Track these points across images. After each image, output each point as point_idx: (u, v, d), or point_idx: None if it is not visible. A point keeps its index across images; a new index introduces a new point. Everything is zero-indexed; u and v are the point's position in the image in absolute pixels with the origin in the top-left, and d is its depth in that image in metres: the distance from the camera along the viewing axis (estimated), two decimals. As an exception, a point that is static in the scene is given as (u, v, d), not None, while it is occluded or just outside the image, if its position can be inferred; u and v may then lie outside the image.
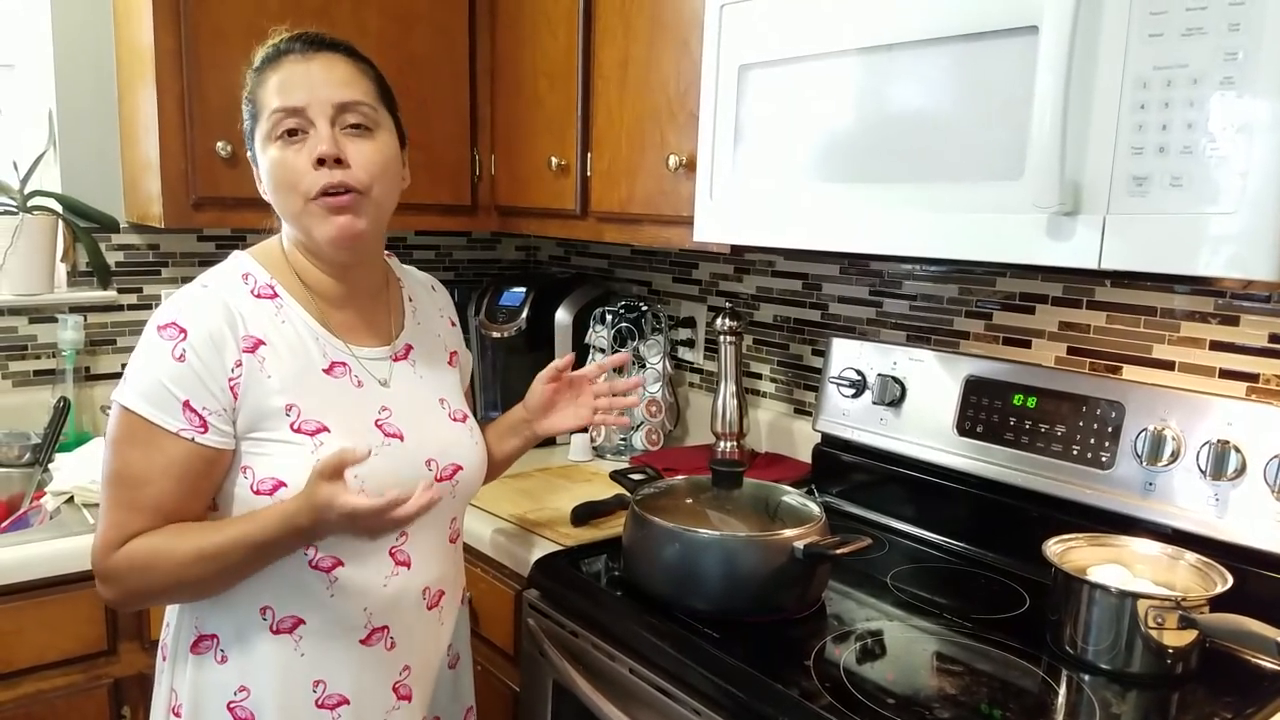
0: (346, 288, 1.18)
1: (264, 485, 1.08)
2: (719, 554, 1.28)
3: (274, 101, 1.08)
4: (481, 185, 2.15)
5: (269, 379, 1.08)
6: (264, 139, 1.10)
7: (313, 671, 1.13)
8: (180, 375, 1.04)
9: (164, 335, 1.05)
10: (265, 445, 1.08)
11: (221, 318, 1.07)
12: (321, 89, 1.08)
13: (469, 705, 1.37)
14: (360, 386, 1.16)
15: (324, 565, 1.11)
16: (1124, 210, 1.00)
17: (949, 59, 1.14)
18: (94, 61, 2.02)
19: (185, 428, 1.05)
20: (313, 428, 1.09)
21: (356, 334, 1.18)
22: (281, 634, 1.11)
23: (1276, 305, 1.32)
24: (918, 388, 1.63)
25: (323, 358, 1.14)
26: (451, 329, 1.35)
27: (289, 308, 1.13)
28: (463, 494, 1.24)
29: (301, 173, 1.08)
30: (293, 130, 1.08)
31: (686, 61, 1.62)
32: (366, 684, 1.16)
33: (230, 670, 1.12)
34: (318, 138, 1.08)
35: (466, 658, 1.37)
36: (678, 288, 2.25)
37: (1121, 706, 1.11)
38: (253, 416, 1.08)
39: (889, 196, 1.22)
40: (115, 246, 2.08)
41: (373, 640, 1.15)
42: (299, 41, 1.12)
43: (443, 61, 2.05)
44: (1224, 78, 0.93)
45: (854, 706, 1.07)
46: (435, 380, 1.25)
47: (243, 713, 1.12)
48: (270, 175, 1.10)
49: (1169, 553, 1.25)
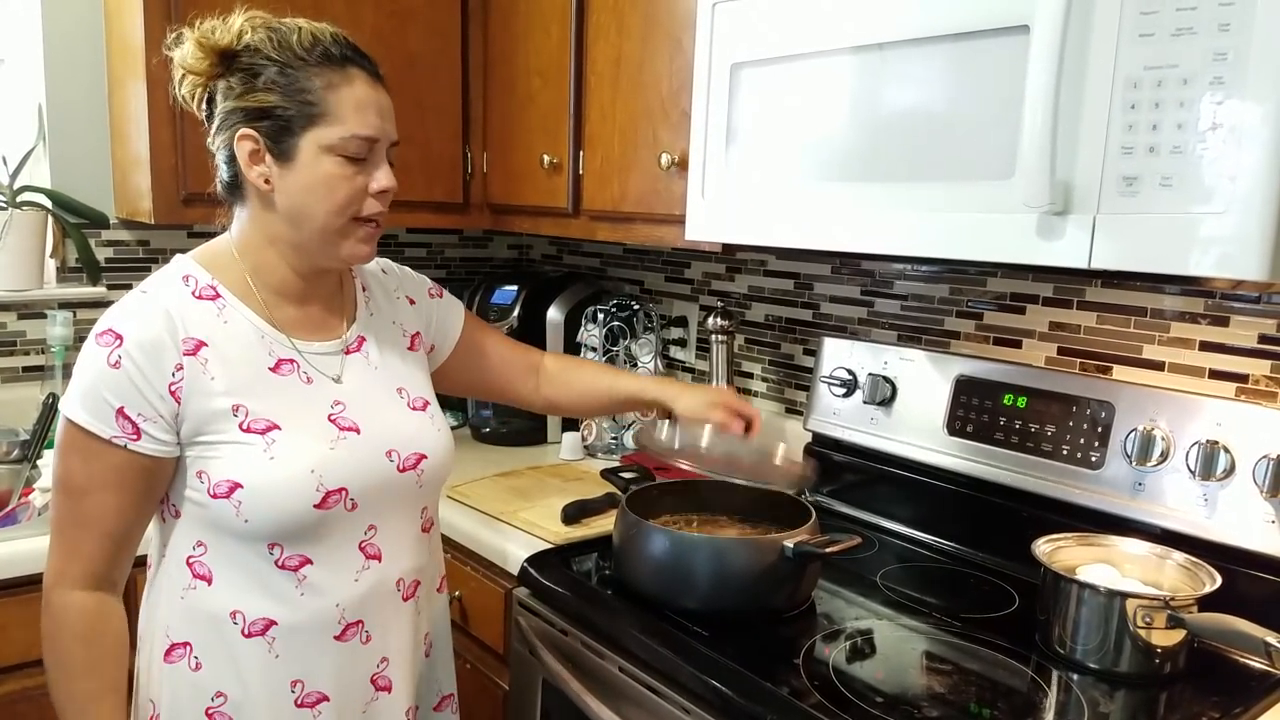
0: (309, 285, 1.17)
1: (220, 488, 1.06)
2: (709, 553, 1.28)
3: (356, 126, 1.08)
4: (473, 183, 2.15)
5: (212, 380, 1.07)
6: (326, 147, 1.07)
7: (290, 672, 1.12)
8: (115, 382, 1.03)
9: (100, 343, 1.04)
10: (216, 448, 1.07)
11: (159, 323, 1.05)
12: (389, 125, 1.12)
13: (447, 693, 1.35)
14: (310, 383, 1.14)
15: (291, 564, 1.10)
16: (1114, 210, 1.00)
17: (939, 58, 1.15)
18: (84, 56, 2.01)
19: (118, 434, 1.04)
20: (263, 426, 1.08)
21: (305, 330, 1.17)
22: (254, 637, 1.10)
23: (1266, 306, 1.33)
24: (908, 387, 1.63)
25: (269, 356, 1.12)
26: (412, 307, 1.32)
27: (231, 307, 1.11)
28: (430, 483, 1.22)
29: (358, 196, 1.10)
30: (360, 154, 1.09)
31: (679, 60, 1.62)
32: (345, 679, 1.15)
33: (205, 676, 1.11)
34: (383, 171, 1.11)
35: (444, 645, 1.35)
36: (670, 287, 2.25)
37: (1110, 706, 1.11)
38: (199, 420, 1.06)
39: (880, 196, 1.22)
40: (105, 242, 2.07)
41: (348, 635, 1.14)
42: (365, 61, 1.11)
43: (436, 59, 2.05)
44: (1214, 78, 0.93)
45: (843, 705, 1.07)
46: (392, 370, 1.23)
47: (221, 718, 1.11)
48: (323, 186, 1.08)
49: (1158, 552, 1.26)
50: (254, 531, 1.08)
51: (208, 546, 1.10)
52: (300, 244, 1.12)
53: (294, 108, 1.06)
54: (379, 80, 1.12)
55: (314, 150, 1.07)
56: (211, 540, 1.10)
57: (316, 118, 1.07)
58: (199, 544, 1.10)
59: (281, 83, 1.06)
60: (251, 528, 1.07)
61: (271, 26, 1.09)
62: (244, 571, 1.09)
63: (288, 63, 1.07)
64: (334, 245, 1.12)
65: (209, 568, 1.10)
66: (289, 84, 1.06)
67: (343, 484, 1.10)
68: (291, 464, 1.07)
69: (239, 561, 1.09)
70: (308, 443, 1.10)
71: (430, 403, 1.26)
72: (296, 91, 1.06)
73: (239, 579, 1.09)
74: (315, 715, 1.14)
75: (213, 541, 1.10)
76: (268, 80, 1.07)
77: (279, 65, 1.07)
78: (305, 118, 1.07)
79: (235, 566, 1.09)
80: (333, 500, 1.10)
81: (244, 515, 1.06)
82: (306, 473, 1.08)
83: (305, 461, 1.08)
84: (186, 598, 1.11)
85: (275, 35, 1.08)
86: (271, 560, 1.09)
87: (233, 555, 1.09)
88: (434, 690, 1.33)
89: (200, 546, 1.10)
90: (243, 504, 1.06)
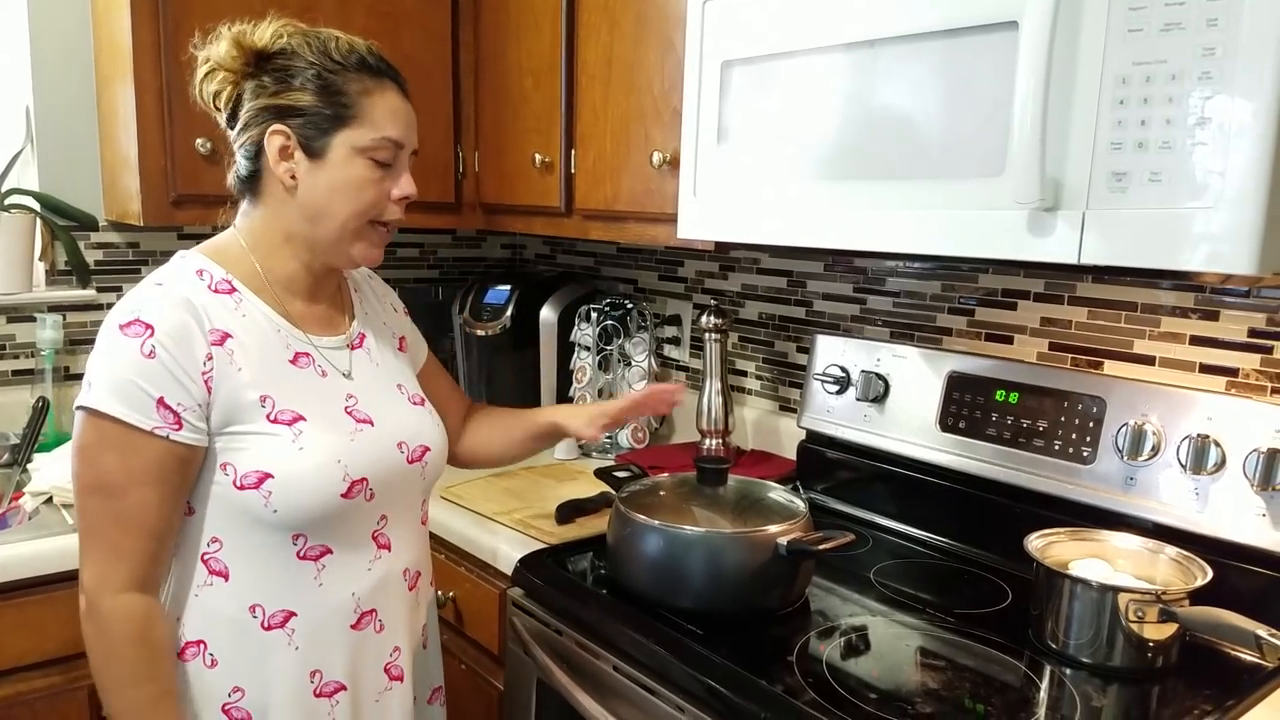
0: (319, 283, 1.20)
1: (249, 479, 1.07)
2: (703, 551, 1.28)
3: (388, 130, 1.12)
4: (465, 183, 2.14)
5: (239, 372, 1.08)
6: (358, 149, 1.11)
7: (308, 662, 1.13)
8: (151, 371, 1.03)
9: (128, 333, 1.03)
10: (243, 439, 1.08)
11: (186, 311, 1.06)
12: (413, 135, 1.17)
13: (437, 685, 1.38)
14: (325, 376, 1.16)
15: (313, 554, 1.11)
16: (1104, 206, 1.01)
17: (930, 55, 1.15)
18: (72, 57, 2.00)
19: (160, 425, 1.03)
20: (289, 418, 1.09)
21: (316, 325, 1.19)
22: (274, 629, 1.11)
23: (1256, 300, 1.33)
24: (901, 384, 1.63)
25: (286, 349, 1.14)
26: (396, 314, 1.37)
27: (248, 301, 1.13)
28: (431, 475, 1.26)
29: (382, 200, 1.14)
30: (388, 160, 1.13)
31: (671, 59, 1.62)
32: (361, 669, 1.17)
33: (221, 674, 1.11)
34: (407, 179, 1.16)
35: (436, 638, 1.38)
36: (664, 285, 2.25)
37: (1102, 700, 1.11)
38: (227, 410, 1.07)
39: (871, 193, 1.23)
40: (94, 245, 2.06)
41: (363, 624, 1.16)
42: (397, 74, 1.16)
43: (427, 59, 2.04)
44: (1202, 73, 0.93)
45: (837, 702, 1.07)
46: (391, 366, 1.27)
47: (239, 713, 1.11)
48: (351, 187, 1.12)
49: (1150, 547, 1.26)
50: (281, 521, 1.08)
51: (223, 542, 1.10)
52: (315, 241, 1.14)
53: (330, 108, 1.10)
54: (406, 95, 1.17)
55: (346, 150, 1.11)
56: (229, 535, 1.10)
57: (350, 119, 1.11)
58: (214, 540, 1.10)
59: (317, 84, 1.10)
60: (280, 518, 1.08)
61: (306, 32, 1.13)
62: (263, 565, 1.10)
63: (325, 66, 1.11)
64: (348, 245, 1.15)
65: (225, 563, 1.10)
66: (325, 86, 1.10)
67: (364, 474, 1.12)
68: (319, 454, 1.09)
69: (259, 555, 1.10)
70: (331, 434, 1.12)
71: (425, 399, 1.29)
72: (333, 93, 1.10)
73: (258, 572, 1.10)
74: (333, 705, 1.15)
75: (230, 537, 1.10)
76: (304, 81, 1.10)
77: (316, 68, 1.10)
78: (339, 119, 1.10)
79: (254, 560, 1.10)
80: (356, 490, 1.12)
81: (273, 505, 1.07)
82: (334, 463, 1.09)
83: (331, 452, 1.10)
84: (201, 594, 1.11)
85: (313, 41, 1.12)
86: (294, 551, 1.10)
87: (252, 549, 1.10)
88: (427, 683, 1.35)
89: (216, 543, 1.10)
90: (273, 494, 1.07)
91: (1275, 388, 1.32)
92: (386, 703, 1.20)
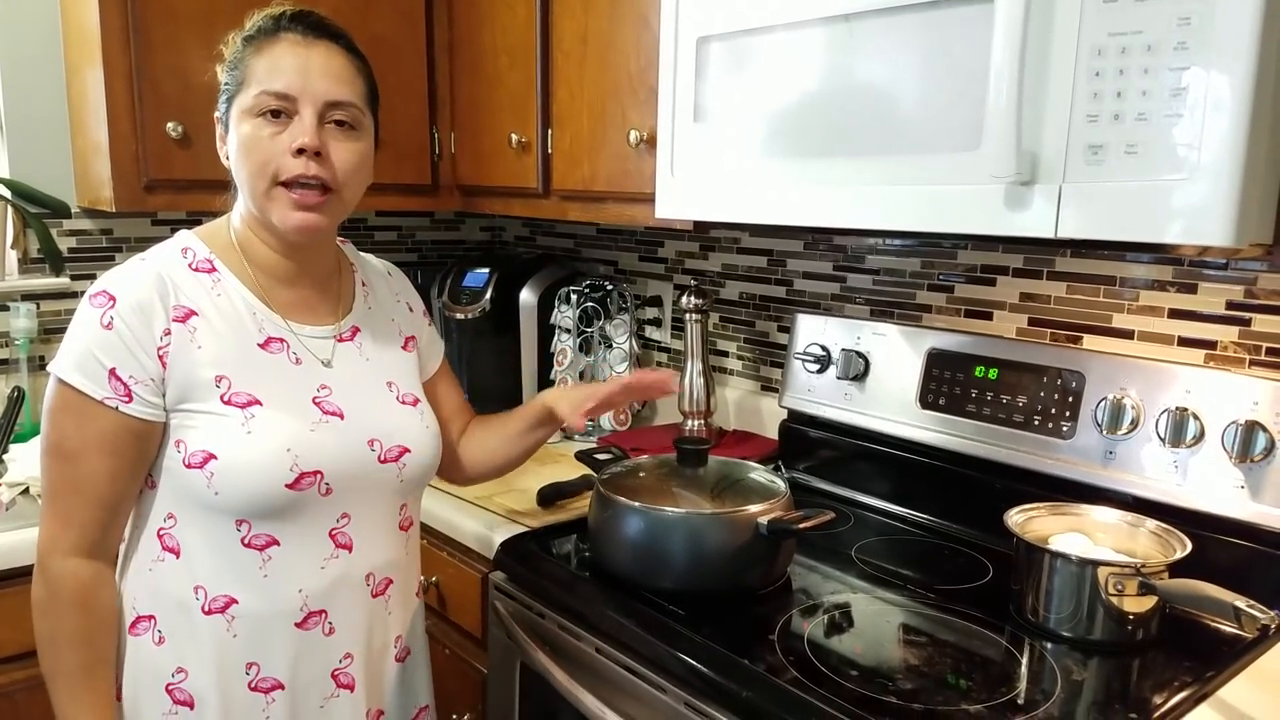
0: (295, 265, 1.17)
1: (194, 459, 1.06)
2: (684, 532, 1.28)
3: (265, 82, 1.07)
4: (442, 164, 2.12)
5: (199, 349, 1.07)
6: (243, 111, 1.08)
7: (245, 654, 1.11)
8: (107, 343, 1.04)
9: (94, 304, 1.06)
10: (195, 418, 1.07)
11: (152, 287, 1.07)
12: (317, 81, 1.08)
13: (423, 704, 1.32)
14: (298, 363, 1.14)
15: (257, 544, 1.09)
16: (1080, 179, 1.00)
17: (905, 30, 1.14)
18: (40, 42, 1.97)
19: (110, 396, 1.04)
20: (244, 400, 1.08)
21: (300, 313, 1.17)
22: (214, 614, 1.09)
23: (1233, 272, 1.33)
24: (881, 362, 1.63)
25: (259, 332, 1.12)
26: (410, 314, 1.33)
27: (226, 282, 1.12)
28: (412, 478, 1.21)
29: (277, 155, 1.07)
30: (276, 111, 1.07)
31: (647, 36, 1.60)
32: (303, 670, 1.14)
33: (167, 651, 1.10)
34: (301, 127, 1.07)
35: (421, 653, 1.31)
36: (644, 266, 2.24)
37: (1083, 673, 1.12)
38: (182, 387, 1.06)
39: (848, 170, 1.22)
40: (67, 232, 2.03)
41: (310, 624, 1.13)
42: (301, 23, 1.10)
43: (400, 39, 2.02)
44: (1178, 43, 0.93)
45: (819, 680, 1.07)
46: (384, 363, 1.23)
47: (181, 695, 1.10)
48: (242, 148, 1.09)
49: (1129, 520, 1.26)
50: (223, 505, 1.07)
51: (178, 519, 1.10)
52: (256, 216, 1.14)
53: (231, 81, 1.11)
54: (319, 39, 1.10)
55: (238, 117, 1.09)
56: (182, 513, 1.09)
57: (241, 85, 1.10)
58: (170, 516, 1.10)
59: (229, 62, 1.12)
60: (221, 500, 1.07)
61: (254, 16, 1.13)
62: (210, 547, 1.09)
63: (238, 43, 1.11)
64: (269, 213, 1.10)
65: (178, 540, 1.10)
66: (232, 61, 1.12)
67: (319, 467, 1.10)
68: (267, 441, 1.07)
69: (206, 536, 1.09)
70: (287, 421, 1.10)
71: (420, 400, 1.26)
72: (234, 66, 1.11)
73: (205, 554, 1.09)
74: (269, 702, 1.13)
75: (183, 514, 1.09)
76: (226, 63, 1.12)
77: (233, 47, 1.12)
78: (234, 88, 1.10)
79: (202, 541, 1.09)
80: (306, 482, 1.09)
81: (215, 487, 1.06)
82: (282, 451, 1.07)
83: (281, 439, 1.08)
84: (155, 570, 1.11)
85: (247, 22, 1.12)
86: (238, 537, 1.09)
87: (202, 529, 1.09)
88: (410, 702, 1.29)
89: (171, 519, 1.10)
90: (214, 476, 1.06)
91: (1254, 360, 1.32)
92: (331, 710, 1.16)
